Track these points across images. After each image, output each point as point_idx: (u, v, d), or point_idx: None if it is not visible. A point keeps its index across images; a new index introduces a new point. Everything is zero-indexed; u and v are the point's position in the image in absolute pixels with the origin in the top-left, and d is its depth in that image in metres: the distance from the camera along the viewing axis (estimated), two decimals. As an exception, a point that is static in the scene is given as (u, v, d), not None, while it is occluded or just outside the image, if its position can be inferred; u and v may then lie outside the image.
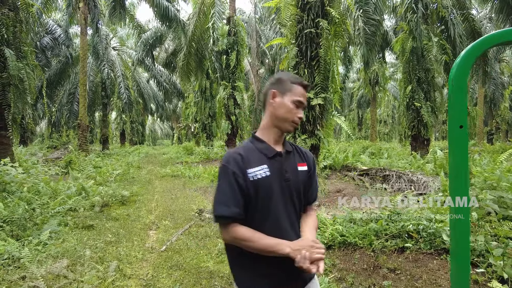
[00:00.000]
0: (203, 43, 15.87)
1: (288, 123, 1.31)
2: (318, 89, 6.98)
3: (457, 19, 14.27)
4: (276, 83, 1.35)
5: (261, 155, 1.28)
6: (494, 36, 0.88)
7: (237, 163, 1.23)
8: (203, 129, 19.90)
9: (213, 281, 2.91)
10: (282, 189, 1.27)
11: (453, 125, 0.88)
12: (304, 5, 6.88)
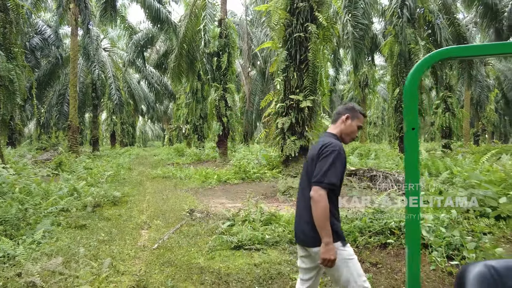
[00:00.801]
0: (195, 45, 15.94)
1: (349, 138, 2.00)
2: (307, 92, 7.15)
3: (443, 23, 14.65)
4: (350, 110, 2.00)
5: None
6: (441, 52, 1.04)
7: (343, 151, 1.84)
8: (194, 130, 19.93)
9: (204, 276, 3.04)
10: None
11: (407, 128, 1.04)
12: (293, 9, 7.06)
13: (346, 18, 11.10)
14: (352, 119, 1.98)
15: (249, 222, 4.49)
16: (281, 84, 7.41)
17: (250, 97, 23.79)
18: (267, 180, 9.67)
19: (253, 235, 3.94)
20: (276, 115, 7.62)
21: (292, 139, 7.26)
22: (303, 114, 7.22)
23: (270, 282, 2.88)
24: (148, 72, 21.57)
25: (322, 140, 1.96)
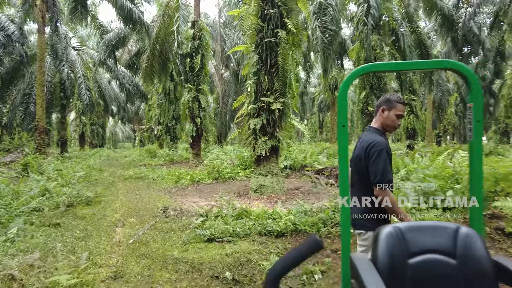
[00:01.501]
0: (167, 46, 15.92)
1: (391, 128, 2.10)
2: (277, 95, 7.49)
3: (406, 31, 15.55)
4: (386, 101, 2.10)
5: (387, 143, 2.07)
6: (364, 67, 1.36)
7: (388, 147, 2.02)
8: (166, 131, 19.81)
9: (178, 266, 3.26)
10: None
11: (339, 125, 1.34)
12: (264, 16, 7.38)
13: (316, 24, 11.59)
14: (389, 110, 2.07)
15: (222, 217, 4.74)
16: (252, 87, 7.70)
17: (223, 98, 23.97)
18: (240, 180, 9.92)
19: (225, 229, 4.19)
20: (248, 116, 7.90)
21: (263, 139, 7.56)
22: (273, 115, 7.55)
23: (239, 268, 3.16)
24: (120, 72, 21.21)
25: (366, 138, 2.10)
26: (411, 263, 1.19)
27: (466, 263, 1.17)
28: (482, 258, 1.17)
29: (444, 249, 1.20)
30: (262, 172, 7.73)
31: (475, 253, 1.17)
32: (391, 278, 1.16)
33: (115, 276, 3.02)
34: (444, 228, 1.24)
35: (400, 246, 1.21)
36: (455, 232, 1.22)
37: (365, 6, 12.00)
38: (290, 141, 8.90)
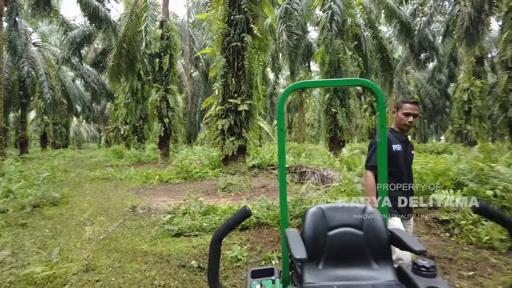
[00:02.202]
0: (135, 45, 15.76)
1: (402, 125, 2.43)
2: (244, 97, 7.82)
3: (368, 36, 16.41)
4: (396, 104, 2.51)
5: (398, 139, 2.43)
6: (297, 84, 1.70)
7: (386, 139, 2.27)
8: (134, 131, 19.54)
9: (147, 258, 3.49)
10: (406, 160, 2.44)
11: (278, 128, 1.68)
12: (231, 20, 7.67)
13: (282, 28, 12.04)
14: (398, 110, 2.43)
15: (189, 214, 4.99)
16: (220, 89, 7.97)
17: (193, 98, 23.96)
18: (209, 179, 10.14)
19: (192, 224, 4.45)
20: (216, 117, 8.16)
21: (231, 139, 7.86)
22: (241, 116, 7.87)
23: (205, 258, 3.45)
24: (85, 70, 20.62)
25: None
26: (330, 234, 1.56)
27: (369, 233, 1.55)
28: (381, 230, 1.56)
29: (354, 223, 1.57)
30: (230, 171, 8.03)
31: (376, 226, 1.56)
32: (314, 246, 1.52)
33: (87, 269, 3.20)
34: (354, 208, 1.63)
35: (322, 222, 1.58)
36: (363, 211, 1.60)
37: (329, 13, 12.62)
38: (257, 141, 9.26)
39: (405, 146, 2.44)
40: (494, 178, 4.87)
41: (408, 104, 2.40)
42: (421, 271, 1.42)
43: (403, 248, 1.51)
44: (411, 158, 2.52)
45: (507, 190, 4.38)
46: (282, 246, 1.76)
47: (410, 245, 1.44)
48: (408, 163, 2.47)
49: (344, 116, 13.50)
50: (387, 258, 1.54)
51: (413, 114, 2.39)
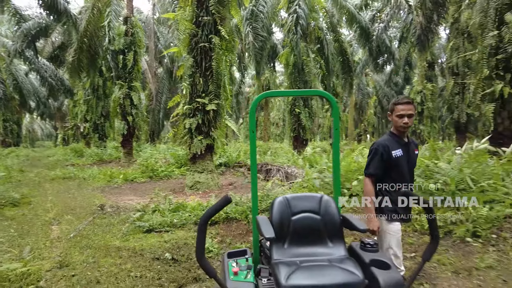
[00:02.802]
0: (97, 40, 15.27)
1: (398, 127, 2.36)
2: (212, 96, 8.00)
3: (330, 40, 17.12)
4: (389, 106, 2.44)
5: (398, 143, 2.37)
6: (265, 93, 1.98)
7: (384, 147, 2.32)
8: (94, 129, 18.92)
9: (121, 253, 3.61)
10: (408, 162, 2.39)
11: (250, 130, 1.95)
12: (198, 21, 7.81)
13: (248, 29, 12.31)
14: (392, 113, 2.37)
15: (159, 211, 5.12)
16: (187, 88, 8.08)
17: (157, 96, 23.55)
18: (175, 178, 10.18)
19: (162, 220, 4.60)
20: (184, 116, 8.26)
21: (199, 138, 8.00)
22: (208, 116, 8.04)
23: (177, 250, 3.64)
24: (41, 65, 19.58)
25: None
26: (293, 219, 1.87)
27: (325, 217, 1.88)
28: (334, 214, 1.89)
29: (313, 209, 1.89)
30: (197, 169, 8.17)
31: (330, 211, 1.89)
32: (281, 229, 1.82)
33: (61, 266, 3.27)
34: (313, 196, 1.95)
35: (286, 209, 1.88)
36: (320, 199, 1.93)
37: (294, 16, 13.08)
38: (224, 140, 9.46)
39: (406, 148, 2.37)
40: (437, 173, 5.48)
41: (400, 105, 2.32)
42: (366, 248, 1.77)
43: (351, 229, 1.85)
44: (414, 159, 2.45)
45: (446, 183, 4.98)
46: (253, 231, 2.04)
47: (356, 225, 1.78)
48: (411, 165, 2.42)
49: (307, 116, 14.05)
50: (340, 237, 1.88)
51: (407, 115, 2.30)
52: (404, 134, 2.39)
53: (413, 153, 2.43)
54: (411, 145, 2.43)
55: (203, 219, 1.45)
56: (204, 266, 1.40)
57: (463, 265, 3.20)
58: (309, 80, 14.17)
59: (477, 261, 3.20)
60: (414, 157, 2.44)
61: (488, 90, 8.77)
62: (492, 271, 3.05)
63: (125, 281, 2.95)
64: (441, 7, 12.74)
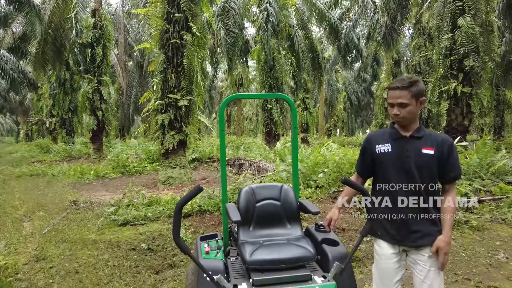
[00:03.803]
0: (63, 33, 14.79)
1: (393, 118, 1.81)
2: (184, 92, 8.11)
3: (300, 37, 17.51)
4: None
5: (390, 137, 1.83)
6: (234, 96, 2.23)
7: (367, 141, 1.92)
8: (62, 124, 18.32)
9: (98, 245, 3.75)
10: (401, 161, 1.76)
11: (219, 129, 2.19)
12: (170, 18, 7.87)
13: (219, 25, 12.42)
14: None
15: (133, 206, 5.25)
16: (159, 84, 8.14)
17: (127, 90, 23.07)
18: (147, 173, 10.20)
19: (137, 214, 4.75)
20: (156, 111, 8.32)
21: (171, 134, 8.11)
22: (181, 111, 8.14)
23: (153, 241, 3.83)
24: (0, 56, 18.59)
25: None
26: (257, 206, 2.15)
27: (285, 204, 2.18)
28: (292, 201, 2.19)
29: (274, 197, 2.18)
30: (170, 164, 8.29)
31: (289, 198, 2.19)
32: (246, 214, 2.10)
33: (37, 259, 3.37)
34: (275, 186, 2.24)
35: (251, 197, 2.16)
36: (280, 188, 2.22)
37: (265, 14, 13.32)
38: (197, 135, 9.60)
39: (402, 144, 1.79)
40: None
41: (390, 91, 1.82)
42: (319, 229, 2.09)
43: (306, 212, 2.17)
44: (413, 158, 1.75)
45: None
46: (223, 217, 2.29)
47: (310, 209, 2.09)
48: (407, 167, 1.76)
49: (279, 112, 14.40)
50: (297, 220, 2.18)
51: (396, 103, 1.76)
52: (405, 126, 1.80)
53: (415, 151, 1.76)
54: (418, 141, 1.78)
55: (178, 206, 1.68)
56: (179, 244, 1.64)
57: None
58: (280, 77, 14.45)
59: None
60: (414, 156, 1.76)
61: (443, 89, 9.49)
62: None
63: (103, 270, 3.11)
64: (404, 8, 13.43)
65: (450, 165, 1.75)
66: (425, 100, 1.83)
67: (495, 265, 3.12)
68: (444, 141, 1.78)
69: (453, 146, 1.78)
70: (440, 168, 1.75)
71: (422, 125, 1.85)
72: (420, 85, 1.78)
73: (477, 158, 5.96)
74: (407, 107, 1.74)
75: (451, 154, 1.75)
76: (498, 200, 4.76)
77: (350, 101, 34.51)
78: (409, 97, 1.73)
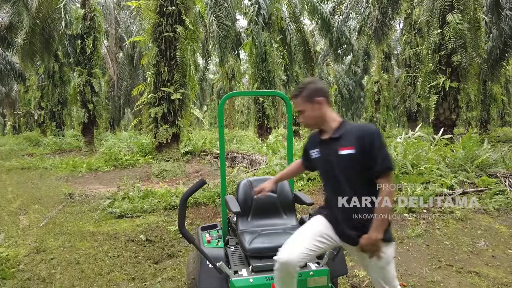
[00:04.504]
0: (52, 24, 14.55)
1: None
2: (177, 85, 8.14)
3: (292, 30, 17.55)
4: None
5: (316, 141, 1.81)
6: (232, 93, 2.33)
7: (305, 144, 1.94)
8: (51, 117, 18.10)
9: (97, 237, 3.84)
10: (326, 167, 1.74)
11: (219, 125, 2.30)
12: (163, 11, 7.86)
13: (212, 18, 12.39)
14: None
15: (128, 198, 5.32)
16: (152, 77, 8.15)
17: (118, 82, 22.84)
18: (140, 166, 10.23)
19: (133, 207, 4.83)
20: (149, 105, 8.34)
21: (164, 127, 8.15)
22: (174, 105, 8.19)
23: (151, 232, 3.93)
24: (-13, 47, 18.18)
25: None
26: (255, 197, 2.27)
27: (281, 195, 2.31)
28: (288, 193, 2.33)
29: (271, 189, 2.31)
30: (163, 158, 8.35)
31: (285, 190, 2.33)
32: (245, 205, 2.23)
33: (37, 251, 3.44)
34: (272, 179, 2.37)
35: (249, 189, 2.28)
36: None
37: (256, 7, 13.32)
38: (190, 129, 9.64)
39: (323, 148, 1.75)
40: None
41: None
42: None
43: (301, 203, 2.30)
44: (335, 164, 1.67)
45: (391, 167, 5.65)
46: (222, 208, 2.41)
47: (304, 200, 2.23)
48: (330, 171, 1.70)
49: (271, 105, 14.48)
50: (292, 211, 2.32)
51: (297, 111, 1.77)
52: (322, 130, 1.78)
53: (334, 154, 1.67)
54: (336, 143, 1.68)
55: (183, 198, 1.79)
56: (184, 233, 1.76)
57: (398, 235, 3.80)
58: (272, 70, 14.51)
59: (409, 232, 3.83)
60: (334, 160, 1.67)
61: (432, 83, 9.72)
62: (420, 239, 3.68)
63: (104, 260, 3.21)
64: (395, 2, 13.58)
65: (374, 159, 1.58)
66: (323, 99, 1.72)
67: (475, 252, 3.33)
68: (365, 135, 1.61)
69: (374, 137, 1.60)
70: (366, 164, 1.60)
71: (345, 122, 1.76)
72: (311, 86, 1.73)
73: (462, 151, 6.18)
74: (304, 113, 1.73)
75: (373, 147, 1.58)
76: (481, 191, 4.98)
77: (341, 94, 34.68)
78: (301, 103, 1.72)
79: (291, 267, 1.61)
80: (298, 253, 1.62)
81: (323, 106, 1.72)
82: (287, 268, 1.62)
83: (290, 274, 1.64)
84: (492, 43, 12.62)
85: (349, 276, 2.83)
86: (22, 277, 2.91)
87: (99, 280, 2.86)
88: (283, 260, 1.62)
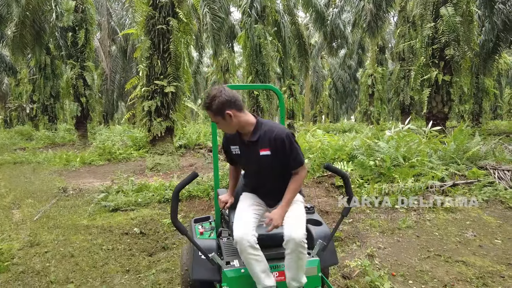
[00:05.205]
0: (42, 15, 14.31)
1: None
2: (170, 79, 8.09)
3: (286, 22, 17.46)
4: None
5: (238, 140, 1.98)
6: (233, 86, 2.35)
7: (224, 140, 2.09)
8: (43, 110, 17.90)
9: (91, 230, 3.85)
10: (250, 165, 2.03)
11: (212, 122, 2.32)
12: (156, 4, 7.78)
13: (205, 10, 12.28)
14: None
15: (122, 192, 5.33)
16: (145, 70, 8.09)
17: (110, 75, 22.63)
18: (134, 160, 10.21)
19: (127, 200, 4.85)
20: (142, 98, 8.30)
21: (158, 120, 8.12)
22: (167, 98, 8.15)
23: (145, 225, 3.96)
24: (-25, 39, 17.84)
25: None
26: None
27: None
28: None
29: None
30: (157, 151, 8.34)
31: None
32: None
33: (31, 244, 3.45)
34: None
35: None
36: None
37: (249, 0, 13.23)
38: (184, 122, 9.61)
39: (244, 148, 1.96)
40: (377, 151, 6.22)
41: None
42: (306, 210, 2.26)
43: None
44: (257, 162, 1.93)
45: (383, 160, 5.72)
46: (215, 201, 2.44)
47: None
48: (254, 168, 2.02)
49: (265, 99, 14.47)
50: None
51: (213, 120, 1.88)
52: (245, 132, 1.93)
53: (255, 155, 1.90)
54: (255, 145, 1.88)
55: (176, 190, 1.82)
56: (177, 225, 1.78)
57: (389, 226, 3.88)
58: (266, 63, 14.44)
59: (400, 223, 3.90)
60: (256, 159, 1.91)
61: (425, 77, 9.78)
62: (410, 230, 3.76)
63: (98, 253, 3.23)
64: (389, -5, 13.57)
65: (287, 157, 1.86)
66: (232, 111, 1.80)
67: (463, 242, 3.41)
68: (276, 138, 1.83)
69: (284, 140, 1.82)
70: (280, 163, 1.88)
71: (259, 123, 1.92)
72: (217, 101, 1.77)
73: (453, 144, 6.27)
74: (219, 124, 1.88)
75: (284, 150, 1.84)
76: (471, 183, 5.07)
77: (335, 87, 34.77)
78: (213, 116, 1.83)
79: (249, 237, 1.80)
80: (248, 225, 1.87)
81: (235, 117, 1.83)
82: (248, 240, 1.79)
83: (252, 246, 1.80)
84: (485, 36, 12.71)
85: (340, 266, 2.89)
86: (16, 270, 2.92)
87: (93, 272, 2.89)
88: (240, 236, 1.80)
